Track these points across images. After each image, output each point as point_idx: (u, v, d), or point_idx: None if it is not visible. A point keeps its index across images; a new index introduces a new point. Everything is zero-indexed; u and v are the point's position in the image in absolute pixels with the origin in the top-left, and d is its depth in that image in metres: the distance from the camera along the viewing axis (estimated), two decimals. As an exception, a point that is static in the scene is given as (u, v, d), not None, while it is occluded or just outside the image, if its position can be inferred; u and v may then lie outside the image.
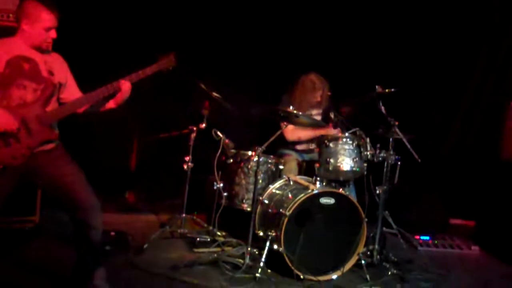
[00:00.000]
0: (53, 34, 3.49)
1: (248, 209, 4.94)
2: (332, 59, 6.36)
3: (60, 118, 3.56)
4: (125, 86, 3.65)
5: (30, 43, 3.46)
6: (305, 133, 5.47)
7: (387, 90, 4.74)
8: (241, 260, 4.39)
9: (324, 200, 4.40)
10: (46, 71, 3.49)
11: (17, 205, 4.58)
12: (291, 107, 4.67)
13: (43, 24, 3.41)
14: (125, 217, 5.68)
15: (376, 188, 4.81)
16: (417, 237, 5.67)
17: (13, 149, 3.33)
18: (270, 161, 5.14)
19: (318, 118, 5.65)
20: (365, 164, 4.82)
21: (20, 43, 3.45)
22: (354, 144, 4.82)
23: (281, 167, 5.20)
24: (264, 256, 4.30)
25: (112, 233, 4.69)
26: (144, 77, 3.73)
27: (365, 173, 4.83)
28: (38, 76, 3.46)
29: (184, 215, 5.12)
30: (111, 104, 3.75)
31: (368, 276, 4.39)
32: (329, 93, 5.62)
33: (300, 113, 4.73)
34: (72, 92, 3.68)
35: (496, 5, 6.52)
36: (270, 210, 4.60)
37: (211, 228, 5.13)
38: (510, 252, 5.39)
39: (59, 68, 3.60)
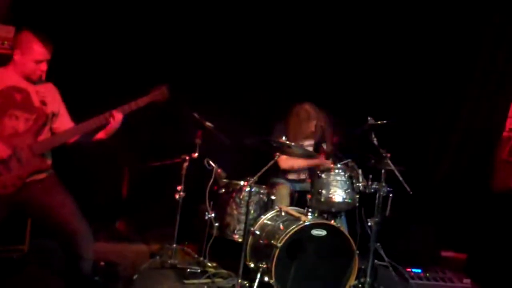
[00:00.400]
0: (43, 66, 3.53)
1: (240, 240, 4.91)
2: (325, 89, 6.39)
3: (52, 148, 3.57)
4: (116, 117, 3.66)
5: (21, 74, 3.48)
6: (299, 162, 5.47)
7: (379, 122, 4.76)
8: (231, 292, 4.36)
9: (315, 232, 4.39)
10: (38, 101, 3.52)
11: (6, 234, 4.52)
12: (284, 137, 4.68)
13: (33, 56, 3.46)
14: (115, 246, 5.61)
15: (368, 220, 4.80)
16: (409, 269, 5.62)
17: (4, 179, 3.32)
18: (262, 191, 5.14)
19: (310, 148, 5.67)
20: (357, 196, 4.82)
21: (13, 73, 3.48)
22: (346, 175, 4.84)
23: (273, 197, 5.19)
24: (255, 288, 4.27)
25: (102, 263, 4.63)
26: (136, 108, 3.77)
27: (357, 204, 4.83)
28: (30, 106, 3.48)
29: (175, 245, 5.08)
30: (101, 135, 3.77)
31: (359, 310, 4.37)
32: (322, 124, 5.66)
33: (293, 143, 4.74)
34: (64, 122, 3.70)
35: (482, 33, 6.59)
36: (261, 241, 4.58)
37: (201, 259, 5.08)
38: (502, 286, 5.37)
39: (51, 98, 3.63)
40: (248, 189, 4.79)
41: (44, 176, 3.52)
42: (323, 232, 4.40)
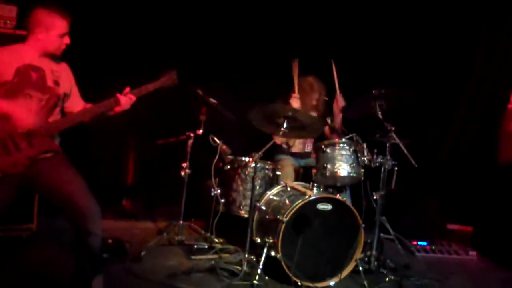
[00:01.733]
0: (66, 40, 3.56)
1: (246, 215, 4.94)
2: (328, 63, 6.35)
3: (62, 129, 3.57)
4: (123, 101, 3.68)
5: (43, 51, 3.50)
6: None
7: (383, 91, 4.72)
8: (238, 267, 4.38)
9: (321, 206, 4.39)
10: (52, 81, 3.52)
11: (14, 213, 4.56)
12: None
13: (58, 31, 3.48)
14: (122, 224, 5.67)
15: (373, 193, 4.81)
16: (415, 242, 5.67)
17: (14, 158, 3.34)
18: (267, 167, 5.14)
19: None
20: (362, 170, 4.82)
21: (31, 51, 3.48)
22: (351, 149, 4.83)
23: (278, 173, 5.20)
24: (261, 262, 4.30)
25: (110, 241, 4.66)
26: (146, 93, 3.80)
27: (362, 178, 4.83)
28: (43, 86, 3.48)
29: (181, 222, 5.12)
30: (108, 115, 3.79)
31: (365, 283, 4.38)
32: (325, 98, 5.66)
33: (300, 113, 4.72)
34: (76, 102, 3.73)
35: (490, 10, 6.53)
36: (267, 217, 4.60)
37: (208, 234, 5.12)
38: (508, 257, 5.39)
39: (65, 79, 3.64)
40: (253, 164, 4.80)
41: (51, 154, 3.53)
42: (328, 206, 4.41)
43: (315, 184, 4.67)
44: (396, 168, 4.80)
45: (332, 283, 4.40)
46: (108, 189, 5.79)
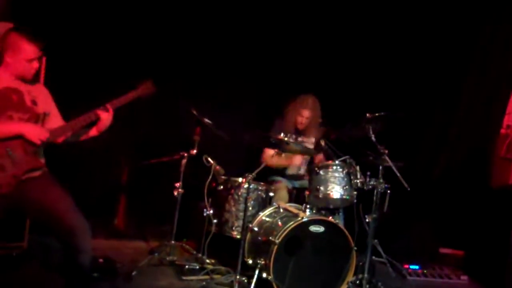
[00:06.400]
0: (35, 64, 3.56)
1: (238, 236, 4.91)
2: (323, 85, 6.37)
3: (43, 146, 3.58)
4: (103, 114, 3.70)
5: (14, 74, 3.51)
6: (277, 161, 5.43)
7: (376, 114, 4.73)
8: (230, 288, 4.37)
9: (313, 228, 4.40)
10: (30, 101, 3.55)
11: (4, 231, 4.54)
12: (282, 134, 4.68)
13: (25, 55, 3.48)
14: (114, 243, 5.63)
15: (366, 216, 4.82)
16: (406, 266, 5.65)
17: None
18: (260, 188, 5.13)
19: (310, 146, 5.68)
20: (355, 192, 4.83)
21: (6, 74, 3.50)
22: (344, 172, 4.84)
23: (271, 194, 5.20)
24: (253, 284, 4.29)
25: (101, 260, 4.63)
26: (124, 103, 3.83)
27: (355, 201, 4.84)
28: (23, 106, 3.51)
29: (173, 242, 5.09)
30: (93, 132, 3.82)
31: (357, 305, 4.38)
32: (320, 120, 5.65)
33: (291, 140, 4.75)
34: (56, 122, 3.73)
35: (480, 35, 6.59)
36: (259, 238, 4.59)
37: (200, 255, 5.09)
38: (499, 282, 5.38)
39: (43, 99, 3.67)
40: (246, 185, 4.80)
41: (38, 174, 3.54)
42: (321, 229, 4.41)
43: (308, 206, 4.67)
44: (388, 191, 4.80)
45: (323, 305, 4.38)
46: (100, 208, 5.77)
